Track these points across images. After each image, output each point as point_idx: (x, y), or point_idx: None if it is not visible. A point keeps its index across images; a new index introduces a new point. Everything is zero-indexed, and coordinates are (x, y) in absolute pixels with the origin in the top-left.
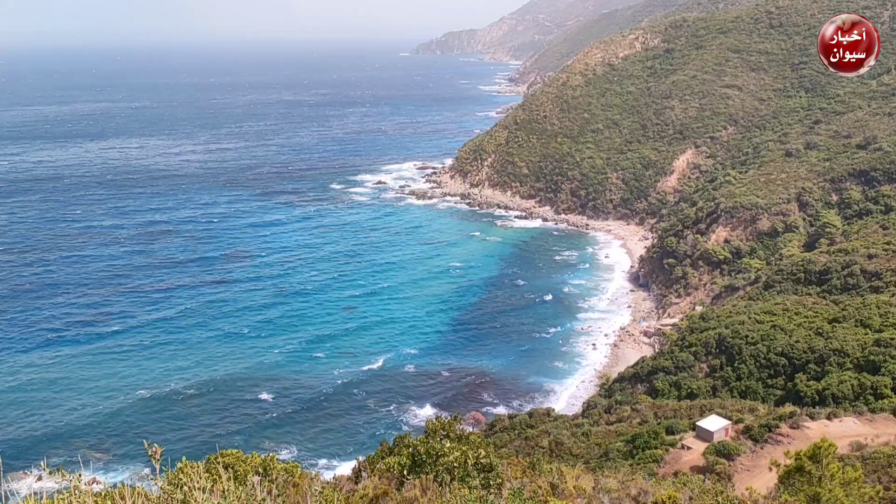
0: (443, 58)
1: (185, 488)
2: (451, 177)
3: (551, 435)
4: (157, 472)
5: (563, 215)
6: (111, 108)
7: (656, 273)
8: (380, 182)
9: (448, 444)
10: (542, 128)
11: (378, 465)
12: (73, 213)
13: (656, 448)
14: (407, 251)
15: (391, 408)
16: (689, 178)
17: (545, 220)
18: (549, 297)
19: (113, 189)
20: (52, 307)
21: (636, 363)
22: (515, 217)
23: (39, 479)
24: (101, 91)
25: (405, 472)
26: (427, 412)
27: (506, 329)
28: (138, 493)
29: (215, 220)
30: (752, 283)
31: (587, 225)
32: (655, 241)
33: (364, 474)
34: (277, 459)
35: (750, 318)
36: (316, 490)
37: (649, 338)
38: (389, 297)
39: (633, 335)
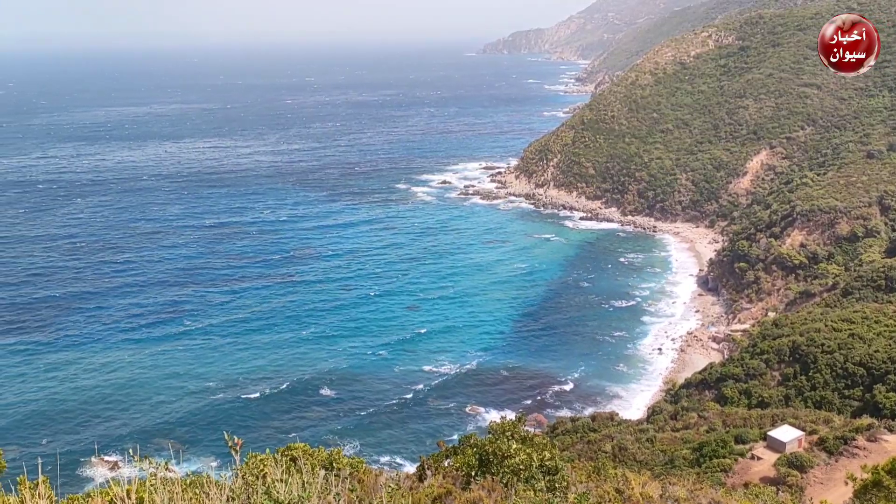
0: (509, 57)
1: (269, 479)
2: (516, 177)
3: (614, 439)
4: (238, 462)
5: (629, 217)
6: (185, 109)
7: (726, 277)
8: (445, 182)
9: (514, 446)
10: (609, 128)
11: (442, 464)
12: (150, 210)
13: (724, 457)
14: (471, 251)
15: (453, 407)
16: (763, 179)
17: (611, 221)
18: (614, 300)
19: (187, 188)
20: (129, 305)
21: (704, 369)
22: (581, 218)
23: (115, 466)
24: (176, 92)
25: (472, 473)
26: (490, 413)
27: (569, 331)
28: (221, 484)
29: (284, 220)
30: (830, 289)
31: (654, 227)
32: (726, 244)
33: (429, 473)
34: (343, 454)
35: (826, 326)
36: (391, 487)
37: (718, 343)
38: (453, 296)
39: (701, 340)
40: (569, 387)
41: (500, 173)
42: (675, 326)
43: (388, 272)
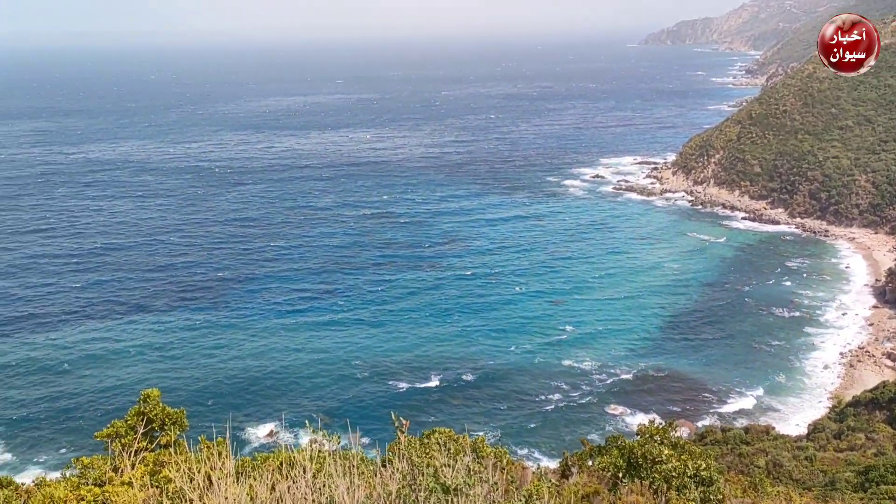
0: (673, 48)
1: (436, 463)
2: (674, 173)
3: (769, 454)
4: (403, 443)
5: (798, 219)
6: (345, 99)
7: None
8: (597, 176)
9: (666, 451)
10: (780, 123)
11: (587, 463)
12: (309, 197)
13: (894, 484)
14: (622, 248)
15: (594, 406)
16: None
17: (777, 223)
18: (775, 308)
19: (343, 176)
20: (286, 287)
21: (876, 387)
22: (742, 218)
23: (272, 434)
24: (338, 83)
25: (619, 475)
26: (634, 415)
27: (723, 337)
28: (392, 462)
29: (434, 211)
30: None
31: (826, 231)
32: None
33: (573, 470)
34: (486, 443)
35: None
36: (550, 482)
37: (894, 361)
38: (599, 293)
39: (873, 356)
40: (720, 395)
41: (656, 168)
42: (844, 339)
43: (535, 267)
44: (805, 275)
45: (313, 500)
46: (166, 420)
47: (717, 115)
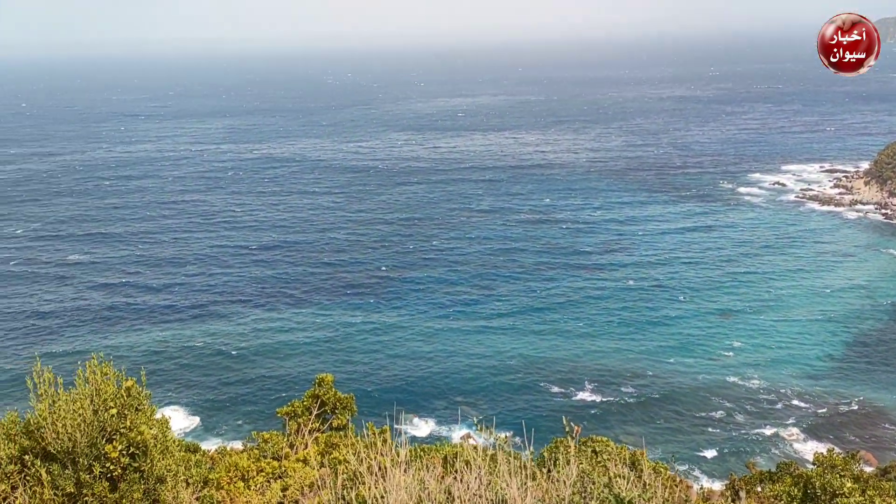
0: None
1: (610, 473)
2: (866, 182)
3: None
4: (573, 449)
5: None
6: (510, 101)
7: None
8: (777, 183)
9: (848, 484)
10: None
11: (756, 489)
12: (471, 197)
13: None
14: (801, 260)
15: (761, 426)
16: None
17: None
18: None
19: (505, 178)
20: (446, 283)
21: None
22: None
23: (429, 428)
24: (504, 84)
25: None
26: (807, 442)
27: None
28: (564, 468)
29: (597, 213)
30: None
31: None
32: None
33: (741, 494)
34: (647, 457)
35: None
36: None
37: None
38: (775, 312)
39: None
40: None
41: (845, 177)
42: None
43: (703, 280)
44: None
45: (484, 498)
46: (338, 404)
47: None
